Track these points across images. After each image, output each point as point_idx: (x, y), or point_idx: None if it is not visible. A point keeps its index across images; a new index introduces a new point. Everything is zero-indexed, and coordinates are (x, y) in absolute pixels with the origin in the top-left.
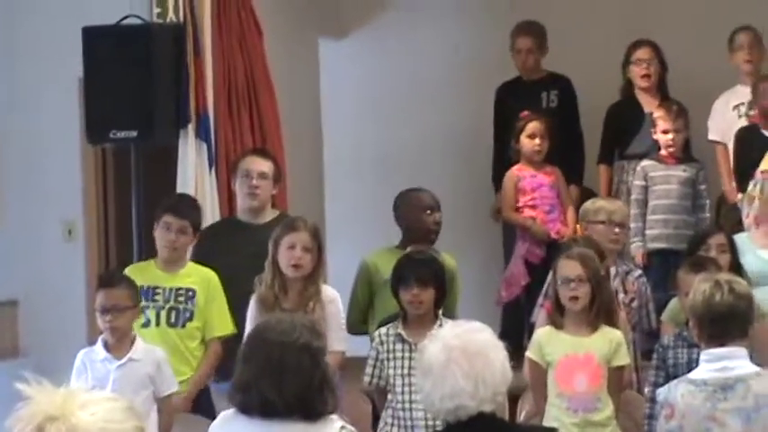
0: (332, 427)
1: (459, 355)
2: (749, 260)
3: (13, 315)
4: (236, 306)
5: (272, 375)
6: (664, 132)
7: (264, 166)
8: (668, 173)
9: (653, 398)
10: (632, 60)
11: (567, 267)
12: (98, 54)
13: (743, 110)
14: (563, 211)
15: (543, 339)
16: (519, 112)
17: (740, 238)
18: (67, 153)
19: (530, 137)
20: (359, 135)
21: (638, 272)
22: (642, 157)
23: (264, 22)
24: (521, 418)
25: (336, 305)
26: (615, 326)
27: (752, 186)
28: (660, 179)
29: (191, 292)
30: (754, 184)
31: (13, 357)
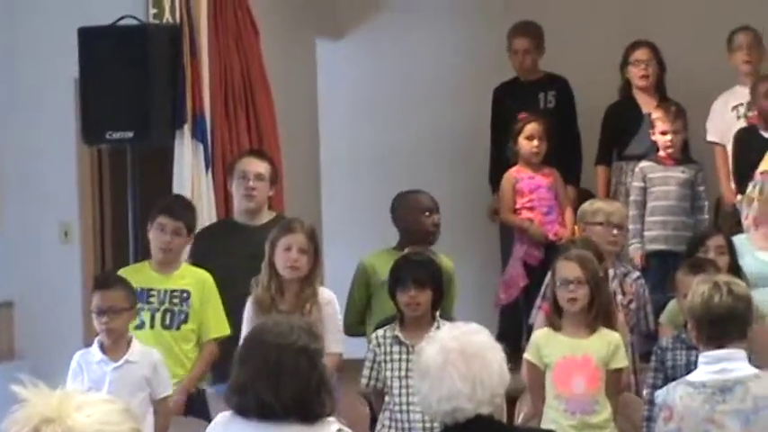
0: (329, 430)
1: (457, 357)
2: (748, 262)
3: (8, 317)
4: (232, 308)
5: (269, 377)
6: (662, 133)
7: (261, 167)
8: (667, 174)
9: (651, 400)
10: (631, 61)
11: (566, 269)
12: (94, 55)
13: (742, 111)
14: (561, 212)
15: (541, 341)
16: (516, 112)
17: (739, 240)
18: (63, 154)
19: (528, 138)
20: (356, 136)
21: (636, 273)
22: (641, 158)
23: (261, 23)
24: (519, 420)
25: (333, 307)
26: (613, 328)
27: (751, 188)
28: (659, 180)
29: (185, 294)
30: (754, 186)
31: (8, 359)
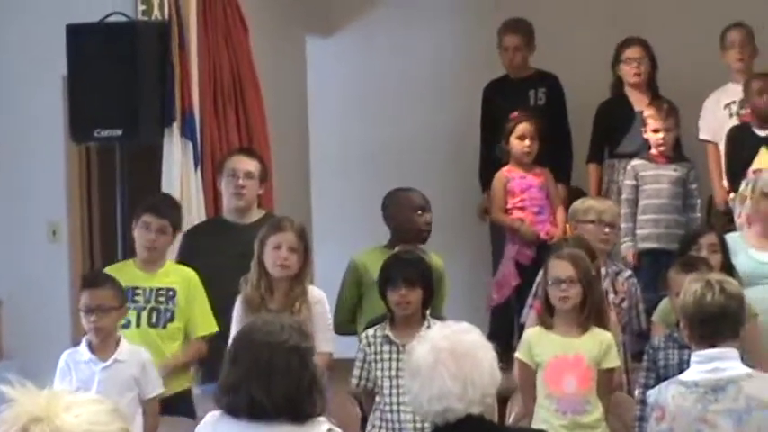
0: (319, 429)
1: (448, 356)
2: (741, 260)
3: None
4: (221, 307)
5: (260, 377)
6: (654, 131)
7: (251, 165)
8: (659, 172)
9: (643, 400)
10: (622, 59)
11: (558, 268)
12: (82, 52)
13: (734, 108)
14: (552, 212)
15: (533, 340)
16: (506, 110)
17: (732, 238)
18: (52, 152)
19: (519, 138)
20: (346, 133)
21: (627, 272)
22: (632, 156)
23: (250, 19)
24: (510, 419)
25: (323, 306)
26: (606, 327)
27: (744, 186)
28: (651, 178)
29: (171, 292)
30: (747, 184)
31: None
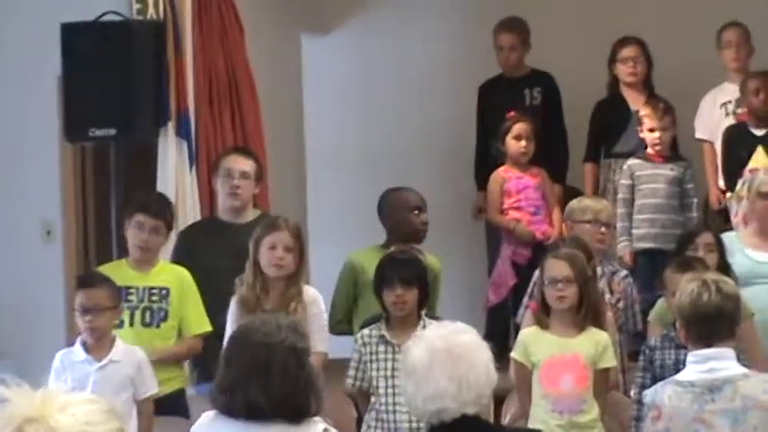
0: (315, 429)
1: (443, 356)
2: (738, 260)
3: None
4: (216, 307)
5: (257, 377)
6: (650, 130)
7: (246, 165)
8: (655, 171)
9: (640, 399)
10: (619, 58)
11: (555, 268)
12: (77, 51)
13: (731, 108)
14: (548, 212)
15: (529, 339)
16: (502, 109)
17: (728, 238)
18: (46, 151)
19: (516, 138)
20: (341, 133)
21: (623, 272)
22: (629, 155)
23: (246, 18)
24: (506, 420)
25: (318, 306)
26: (602, 327)
27: (740, 185)
28: (647, 178)
29: (164, 291)
30: (743, 183)
31: None
